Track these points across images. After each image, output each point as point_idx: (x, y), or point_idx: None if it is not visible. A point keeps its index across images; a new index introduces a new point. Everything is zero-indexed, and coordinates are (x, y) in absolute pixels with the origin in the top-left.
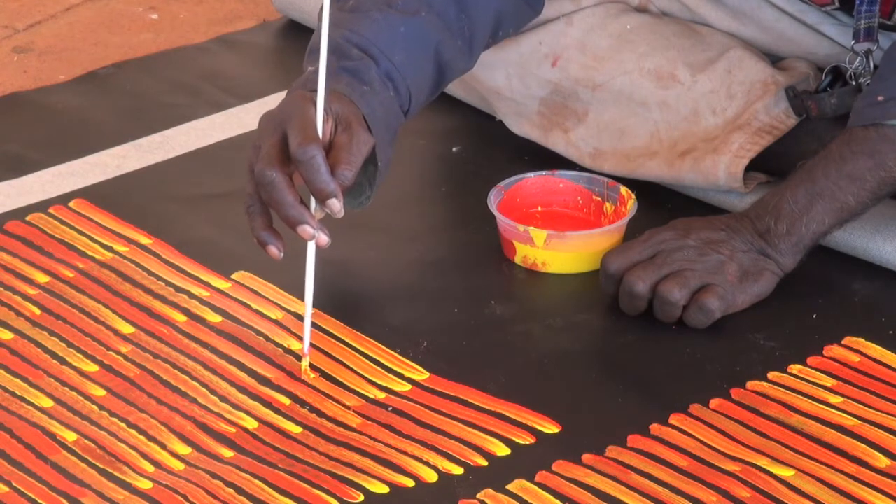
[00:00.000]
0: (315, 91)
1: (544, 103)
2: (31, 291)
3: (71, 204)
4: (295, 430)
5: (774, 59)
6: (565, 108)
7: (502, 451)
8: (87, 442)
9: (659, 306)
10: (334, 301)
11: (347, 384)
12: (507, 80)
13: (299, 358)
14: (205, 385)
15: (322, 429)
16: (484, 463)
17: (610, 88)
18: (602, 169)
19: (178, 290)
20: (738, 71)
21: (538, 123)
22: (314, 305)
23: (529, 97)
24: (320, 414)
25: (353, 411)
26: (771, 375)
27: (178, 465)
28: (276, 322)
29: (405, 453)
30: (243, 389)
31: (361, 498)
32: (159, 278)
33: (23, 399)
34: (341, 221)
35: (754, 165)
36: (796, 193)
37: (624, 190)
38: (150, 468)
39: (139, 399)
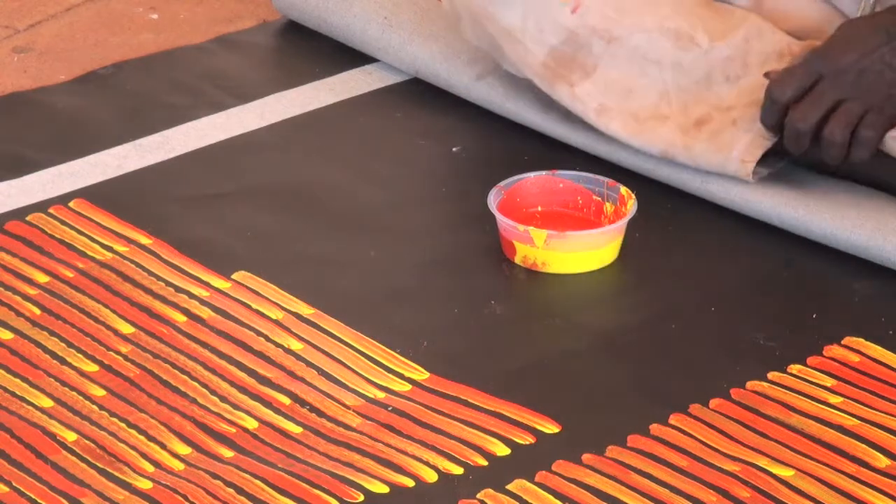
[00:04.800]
0: None
1: (552, 54)
2: (31, 291)
3: (71, 204)
4: (295, 430)
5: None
6: (573, 62)
7: (502, 451)
8: (87, 442)
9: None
10: (334, 301)
11: (347, 384)
12: (522, 20)
13: (299, 358)
14: (205, 385)
15: (322, 429)
16: (484, 463)
17: (626, 43)
18: (608, 128)
19: (178, 290)
20: (756, 42)
21: (541, 75)
22: (314, 305)
23: (540, 43)
24: (320, 414)
25: (353, 411)
26: (771, 375)
27: (178, 465)
28: (276, 322)
29: (405, 453)
30: (243, 389)
31: (361, 498)
32: (159, 278)
33: (23, 399)
34: (341, 221)
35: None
36: None
37: (624, 190)
38: (150, 468)
39: (139, 399)
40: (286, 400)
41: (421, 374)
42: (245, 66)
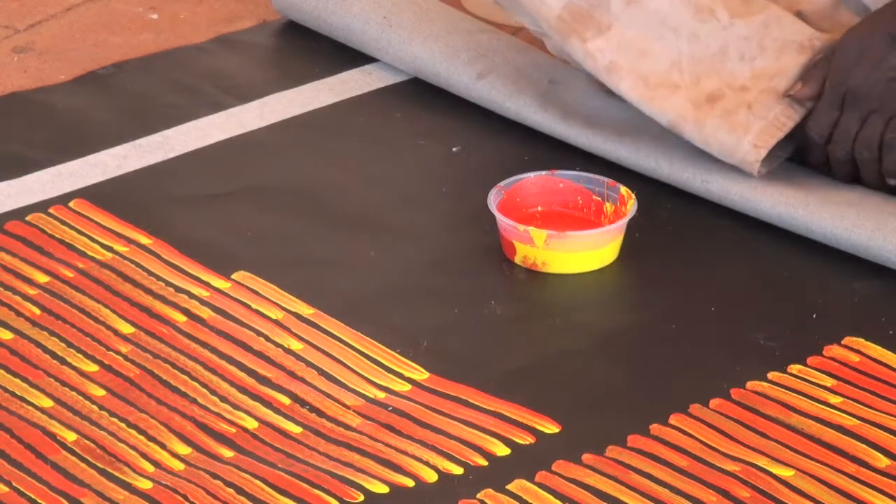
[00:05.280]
0: None
1: (569, 8)
2: (31, 291)
3: (71, 204)
4: (295, 430)
5: None
6: (589, 18)
7: (502, 451)
8: (87, 442)
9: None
10: (334, 301)
11: (347, 384)
12: None
13: (299, 358)
14: (205, 385)
15: (322, 429)
16: (484, 463)
17: (646, 6)
18: (618, 87)
19: (178, 290)
20: (775, 28)
21: (556, 27)
22: (314, 305)
23: None
24: (320, 414)
25: (353, 411)
26: (771, 375)
27: (178, 465)
28: (276, 322)
29: (405, 453)
30: (243, 389)
31: (361, 498)
32: (159, 278)
33: (23, 399)
34: (341, 221)
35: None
36: None
37: (624, 190)
38: (150, 468)
39: (139, 399)
40: (286, 400)
41: (421, 374)
42: (245, 66)
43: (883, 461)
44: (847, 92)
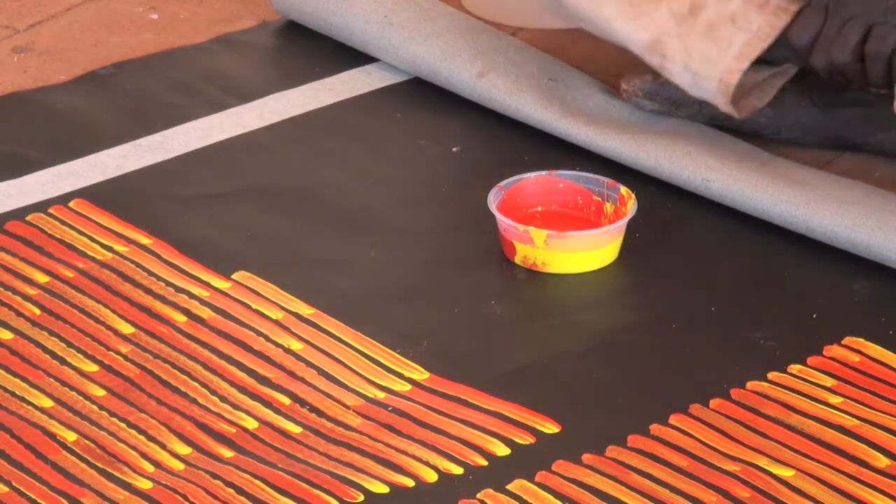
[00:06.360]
0: None
1: None
2: (31, 291)
3: (71, 204)
4: (295, 430)
5: None
6: None
7: (502, 451)
8: (87, 442)
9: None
10: (334, 301)
11: (347, 384)
12: None
13: (299, 358)
14: (205, 385)
15: (322, 429)
16: (484, 463)
17: None
18: (601, 11)
19: (178, 290)
20: None
21: None
22: (314, 305)
23: None
24: (320, 414)
25: (353, 411)
26: (771, 375)
27: (178, 465)
28: (276, 322)
29: (405, 453)
30: (243, 389)
31: (361, 498)
32: (159, 278)
33: (23, 399)
34: (341, 221)
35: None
36: None
37: (624, 190)
38: (150, 468)
39: (139, 399)
40: (286, 400)
41: (421, 374)
42: (245, 66)
43: (883, 461)
44: (831, 0)
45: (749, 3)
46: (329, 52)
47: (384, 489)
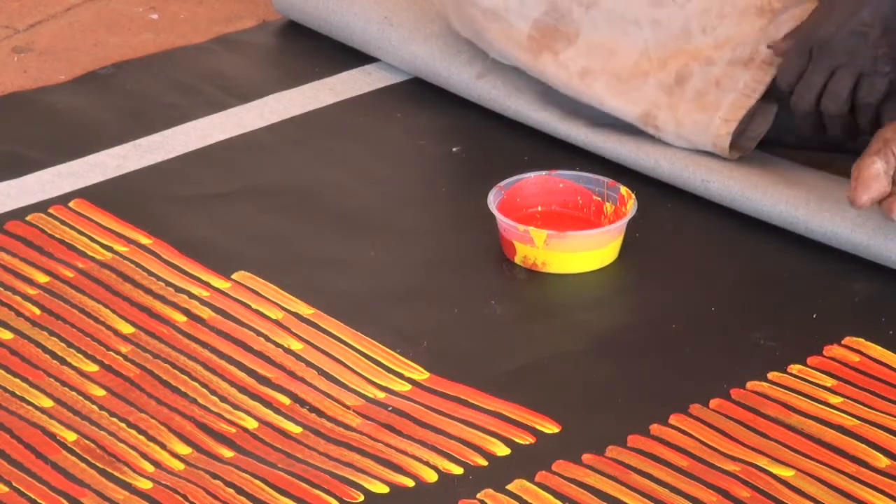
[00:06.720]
0: None
1: (536, 26)
2: (31, 291)
3: (71, 204)
4: (295, 430)
5: None
6: (556, 31)
7: (502, 451)
8: (87, 442)
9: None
10: (334, 301)
11: (347, 384)
12: None
13: (299, 358)
14: (205, 385)
15: (322, 429)
16: (484, 463)
17: (603, 7)
18: (592, 90)
19: (178, 290)
20: None
21: (528, 47)
22: (314, 305)
23: (523, 18)
24: (320, 414)
25: (353, 411)
26: (771, 375)
27: (178, 465)
28: (276, 322)
29: (405, 453)
30: (243, 389)
31: (361, 498)
32: (159, 278)
33: (23, 399)
34: (341, 221)
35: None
36: None
37: (624, 190)
38: (150, 468)
39: (139, 399)
40: (286, 400)
41: (421, 374)
42: (245, 66)
43: (883, 461)
44: (815, 44)
45: (734, 64)
46: (329, 52)
47: (384, 489)
